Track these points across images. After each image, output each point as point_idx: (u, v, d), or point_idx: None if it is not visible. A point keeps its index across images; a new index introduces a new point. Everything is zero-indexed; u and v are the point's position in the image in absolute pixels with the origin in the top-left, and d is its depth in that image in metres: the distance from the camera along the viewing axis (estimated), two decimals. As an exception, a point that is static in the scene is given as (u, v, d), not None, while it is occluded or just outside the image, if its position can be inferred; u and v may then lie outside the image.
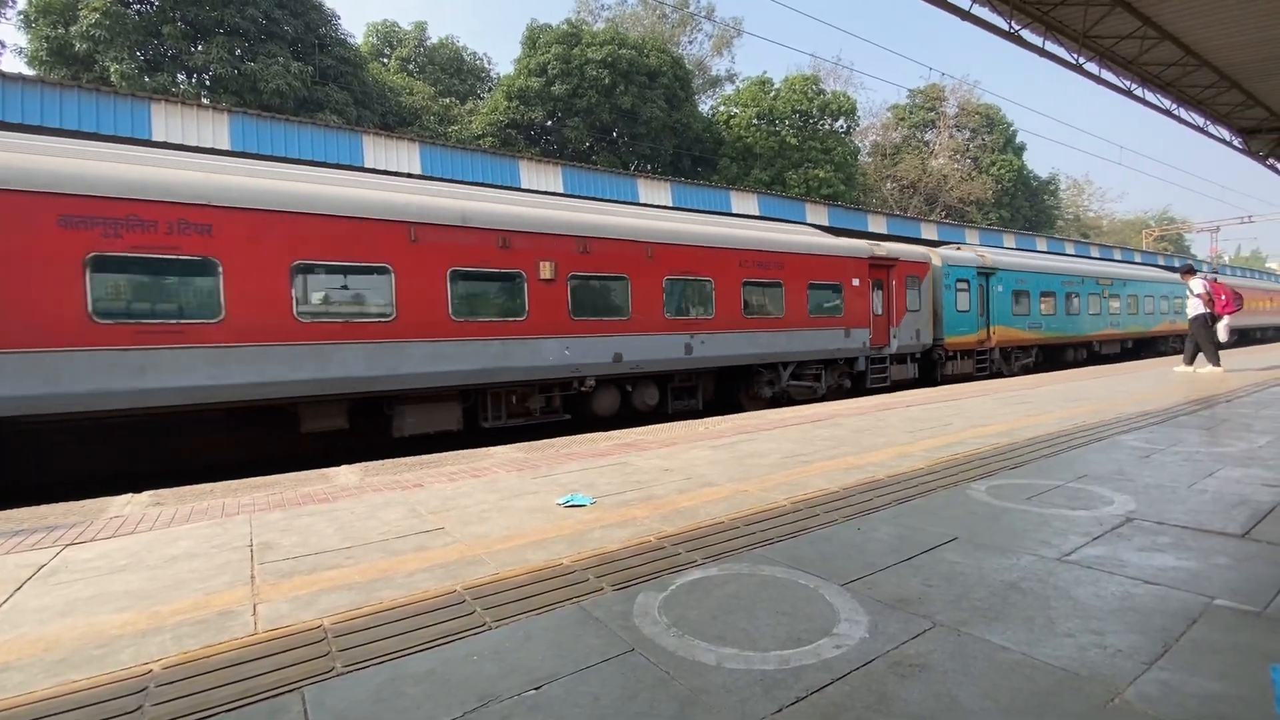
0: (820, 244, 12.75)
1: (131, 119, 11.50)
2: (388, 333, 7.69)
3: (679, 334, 10.34)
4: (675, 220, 11.35)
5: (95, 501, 4.46)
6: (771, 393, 12.07)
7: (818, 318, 12.42)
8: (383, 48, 38.88)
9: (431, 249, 8.01)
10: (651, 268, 10.03)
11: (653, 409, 10.53)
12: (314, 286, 7.39)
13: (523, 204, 9.49)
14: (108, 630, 2.29)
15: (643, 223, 10.34)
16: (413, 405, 8.15)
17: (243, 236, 6.84)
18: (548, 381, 9.22)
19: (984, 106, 48.77)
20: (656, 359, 10.07)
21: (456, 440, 8.37)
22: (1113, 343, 21.40)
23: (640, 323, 9.86)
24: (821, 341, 12.46)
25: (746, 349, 11.29)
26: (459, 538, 3.22)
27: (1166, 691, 1.69)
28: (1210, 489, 3.72)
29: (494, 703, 1.74)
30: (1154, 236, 58.22)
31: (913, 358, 14.89)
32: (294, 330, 7.09)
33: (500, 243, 8.54)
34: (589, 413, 9.78)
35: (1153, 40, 10.45)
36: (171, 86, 24.60)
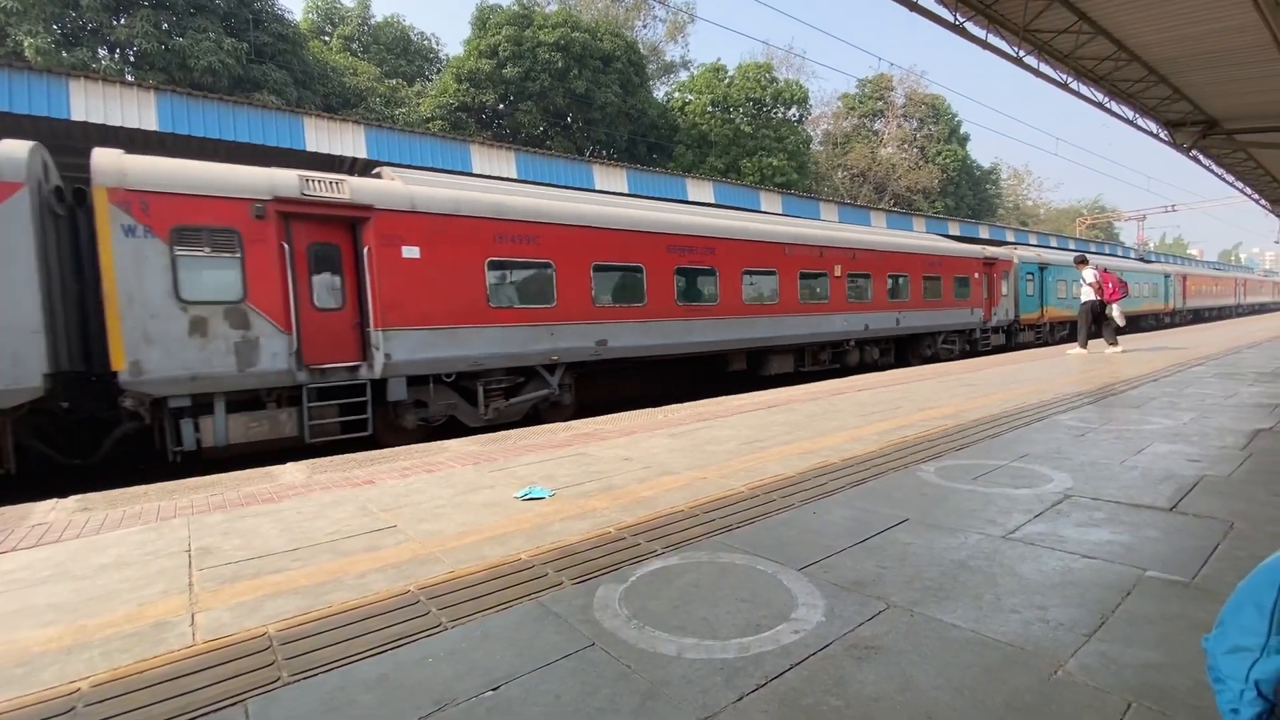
0: (958, 249, 18.20)
1: (48, 97, 10.67)
2: (744, 310, 12.14)
3: (892, 312, 15.57)
4: (888, 235, 17.41)
5: (15, 508, 4.16)
6: (930, 353, 17.08)
7: (959, 300, 17.67)
8: (324, 25, 37.15)
9: (798, 260, 13.22)
10: (882, 268, 15.24)
11: (874, 361, 15.53)
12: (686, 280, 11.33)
13: (820, 227, 15.40)
14: (30, 647, 2.14)
15: (879, 238, 16.04)
16: (776, 355, 13.06)
17: (564, 245, 9.58)
18: (832, 340, 14.16)
19: (930, 97, 50.08)
20: (883, 328, 15.32)
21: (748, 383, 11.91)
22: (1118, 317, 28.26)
23: (876, 304, 15.10)
24: (962, 317, 17.85)
25: (924, 322, 16.54)
26: (412, 536, 3.13)
27: (1105, 662, 1.77)
28: (1140, 465, 3.93)
29: (451, 706, 1.69)
30: (1086, 225, 61.13)
31: (1003, 329, 20.04)
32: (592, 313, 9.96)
33: (819, 254, 13.67)
34: (843, 364, 14.69)
35: (1088, 35, 10.88)
36: (92, 62, 22.96)
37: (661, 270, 10.72)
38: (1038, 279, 21.38)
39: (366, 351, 7.72)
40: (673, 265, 10.92)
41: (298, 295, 7.23)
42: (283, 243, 7.11)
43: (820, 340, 13.80)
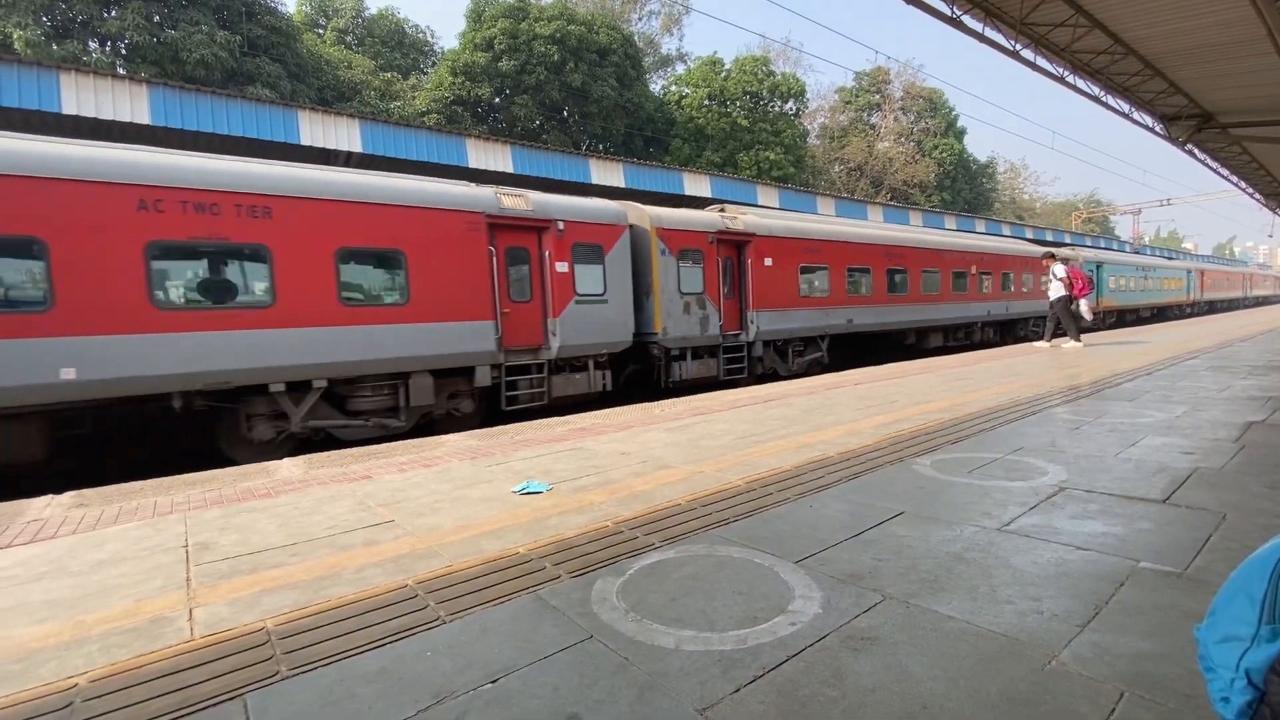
0: (1029, 250, 22.02)
1: (38, 91, 10.58)
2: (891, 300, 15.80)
3: (1003, 301, 19.91)
4: (998, 241, 21.93)
5: (10, 504, 4.15)
6: (1022, 334, 21.08)
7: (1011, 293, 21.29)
8: (317, 18, 36.87)
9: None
10: (999, 267, 19.65)
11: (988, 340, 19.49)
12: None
13: (961, 236, 20.92)
14: (27, 643, 2.14)
15: (995, 244, 20.82)
16: (934, 333, 17.09)
17: (835, 255, 14.11)
18: (969, 322, 18.59)
19: (927, 90, 49.98)
20: (999, 314, 19.86)
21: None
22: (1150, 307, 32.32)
23: (995, 295, 19.56)
24: (1031, 307, 21.52)
25: (1022, 310, 20.88)
26: (410, 530, 3.14)
27: (1099, 652, 1.78)
28: (1134, 458, 3.95)
29: (449, 699, 1.70)
30: (1082, 218, 61.26)
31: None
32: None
33: (962, 257, 18.00)
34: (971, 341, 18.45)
35: (1085, 29, 10.87)
36: (83, 55, 22.75)
37: (879, 270, 15.35)
38: (1096, 275, 25.53)
39: (744, 325, 12.32)
40: (885, 267, 15.51)
41: (720, 289, 11.81)
42: (718, 258, 11.76)
43: (963, 322, 18.47)
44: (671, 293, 10.96)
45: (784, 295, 12.86)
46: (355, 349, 7.63)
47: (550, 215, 9.46)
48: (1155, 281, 32.37)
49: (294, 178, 7.39)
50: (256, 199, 7.03)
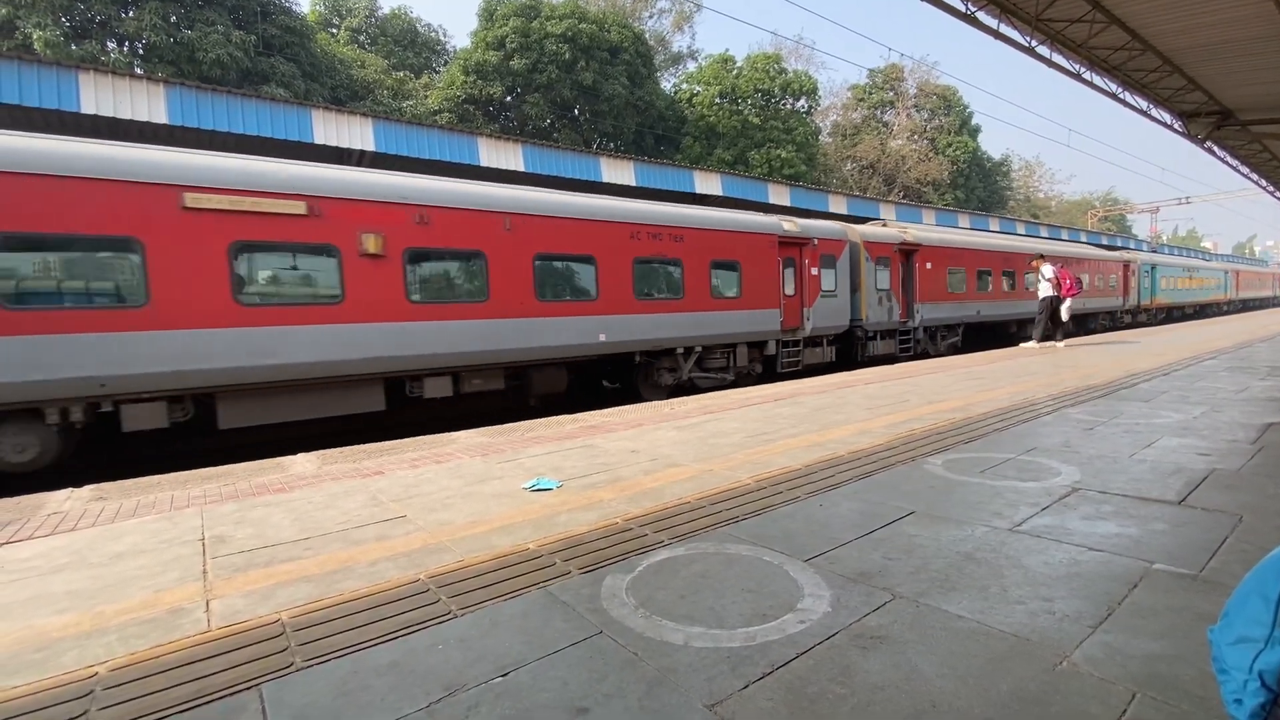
0: (1113, 255, 26.39)
1: (58, 90, 10.74)
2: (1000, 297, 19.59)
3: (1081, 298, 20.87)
4: (1090, 249, 27.15)
5: (31, 497, 4.23)
6: (1093, 325, 24.17)
7: (1113, 291, 25.84)
8: (331, 17, 37.11)
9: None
10: (1093, 271, 23.67)
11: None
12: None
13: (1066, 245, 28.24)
14: (48, 633, 2.18)
15: (1094, 251, 26.20)
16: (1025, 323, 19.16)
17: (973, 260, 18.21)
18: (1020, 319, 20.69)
19: (941, 88, 49.51)
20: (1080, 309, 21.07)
21: None
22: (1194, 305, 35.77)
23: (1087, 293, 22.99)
24: (1115, 303, 26.01)
25: (1098, 305, 24.74)
26: (422, 525, 3.17)
27: (1110, 653, 1.77)
28: (1149, 459, 3.91)
29: (461, 691, 1.72)
30: (1098, 217, 60.48)
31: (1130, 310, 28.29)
32: None
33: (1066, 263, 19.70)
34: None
35: (1101, 24, 10.72)
36: (101, 55, 23.06)
37: (997, 272, 19.31)
38: (1151, 275, 29.42)
39: (911, 314, 16.00)
40: (1001, 269, 19.50)
41: (893, 287, 15.41)
42: (899, 264, 15.60)
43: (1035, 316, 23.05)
44: (871, 290, 14.95)
45: (938, 291, 16.85)
46: (718, 326, 11.61)
47: (809, 234, 13.43)
48: (1197, 281, 35.77)
49: (698, 216, 11.65)
50: (676, 230, 11.02)
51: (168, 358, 6.47)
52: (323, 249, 7.40)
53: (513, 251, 8.86)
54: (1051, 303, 13.42)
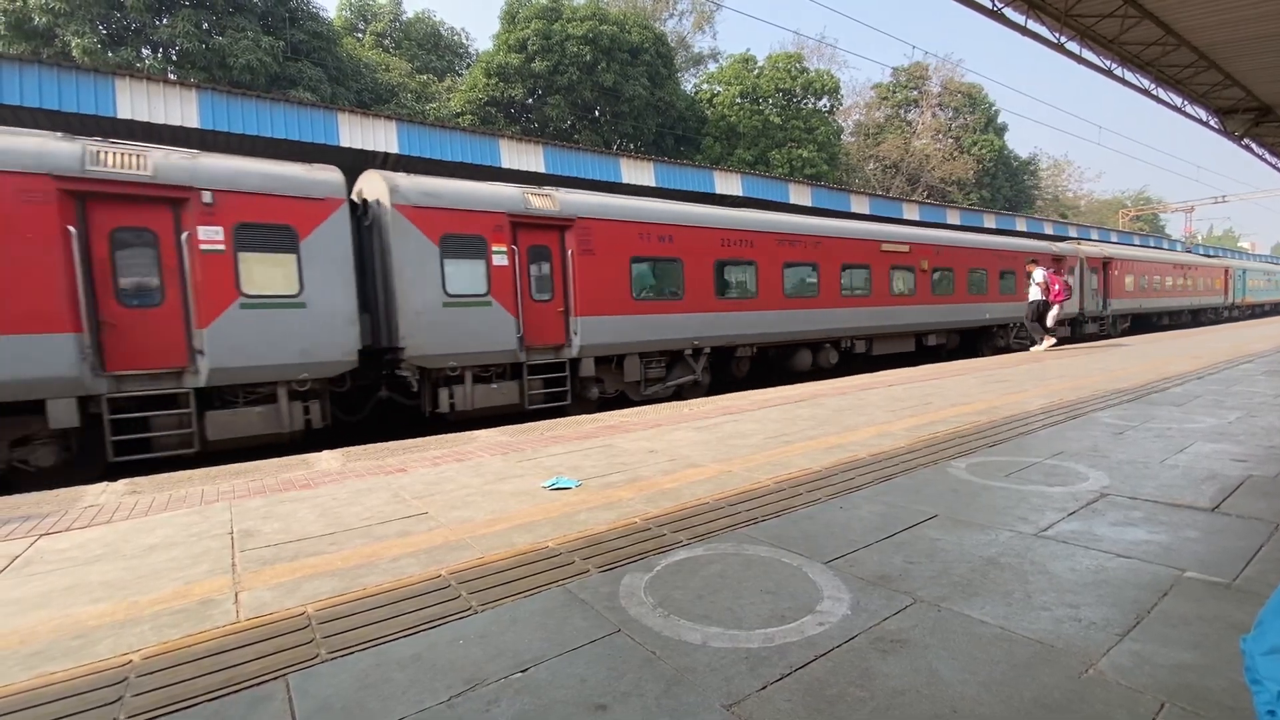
0: (1215, 262, 31.85)
1: (95, 96, 11.06)
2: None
3: (1189, 298, 28.46)
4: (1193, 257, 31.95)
5: (69, 490, 4.37)
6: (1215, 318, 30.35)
7: (1203, 290, 29.94)
8: (357, 22, 37.72)
9: None
10: (1193, 274, 28.74)
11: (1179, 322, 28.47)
12: None
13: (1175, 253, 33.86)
14: (85, 621, 2.26)
15: (1191, 258, 31.09)
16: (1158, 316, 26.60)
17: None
18: (1177, 310, 27.75)
19: (966, 86, 48.71)
20: (1188, 306, 28.69)
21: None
22: (1273, 303, 41.82)
23: (1189, 292, 28.60)
24: (1216, 300, 31.09)
25: (1206, 303, 30.02)
26: (443, 522, 3.21)
27: (1139, 662, 1.73)
28: (1181, 464, 3.81)
29: (481, 686, 1.74)
30: (1130, 216, 59.02)
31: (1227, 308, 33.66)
32: None
33: (1174, 266, 27.19)
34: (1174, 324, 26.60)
35: (1133, 19, 10.47)
36: (136, 62, 23.71)
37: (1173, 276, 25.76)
38: (1242, 278, 34.72)
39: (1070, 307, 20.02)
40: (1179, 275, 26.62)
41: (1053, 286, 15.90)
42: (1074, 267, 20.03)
43: (1174, 309, 27.20)
44: (1090, 290, 20.34)
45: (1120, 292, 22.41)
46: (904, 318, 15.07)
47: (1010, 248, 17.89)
48: (1274, 283, 42.17)
49: (903, 232, 15.19)
50: (903, 245, 14.80)
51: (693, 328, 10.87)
52: (672, 261, 10.71)
53: (769, 261, 12.00)
54: (1039, 307, 13.53)
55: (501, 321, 8.66)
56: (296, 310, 7.23)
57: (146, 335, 6.53)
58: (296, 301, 7.24)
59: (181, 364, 6.66)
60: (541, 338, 9.09)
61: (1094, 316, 21.49)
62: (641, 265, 10.18)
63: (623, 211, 10.05)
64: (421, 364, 8.01)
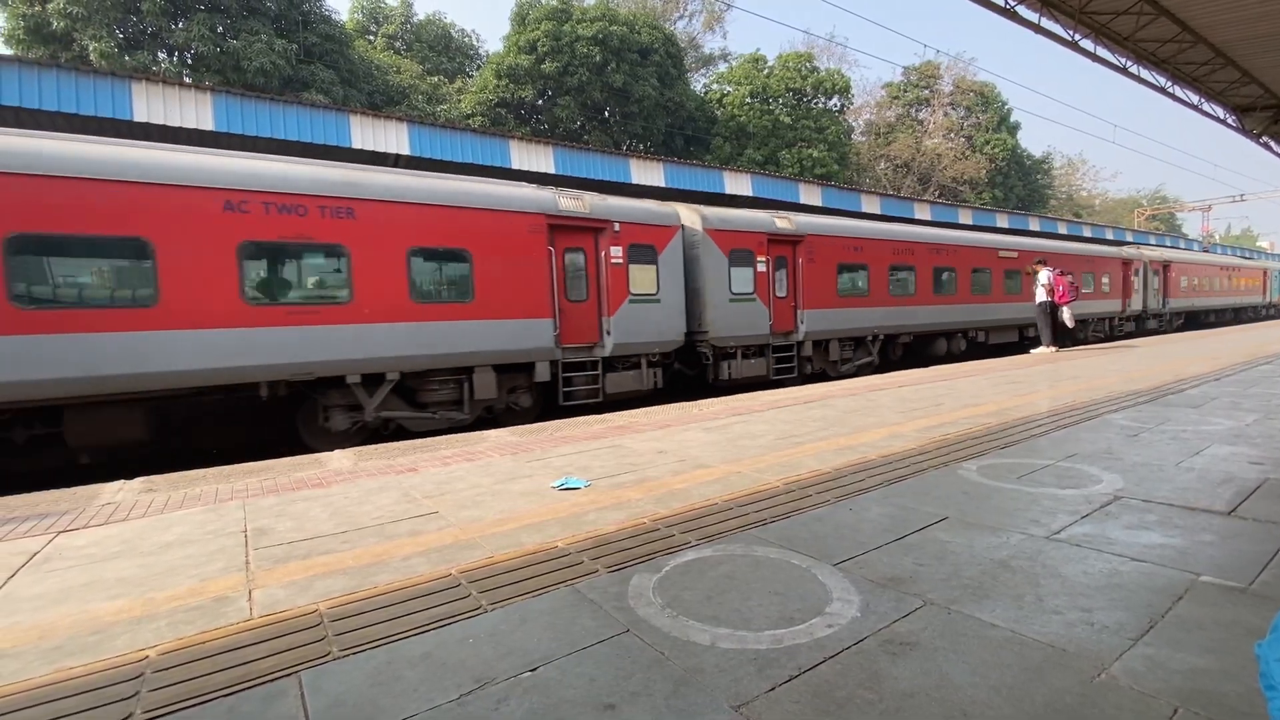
0: (1254, 264, 33.29)
1: (112, 99, 11.22)
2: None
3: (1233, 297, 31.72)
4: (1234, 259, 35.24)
5: (87, 488, 4.44)
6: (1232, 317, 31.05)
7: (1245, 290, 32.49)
8: (368, 24, 38.01)
9: None
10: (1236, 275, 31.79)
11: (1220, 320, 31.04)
12: None
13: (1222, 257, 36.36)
14: (102, 617, 2.29)
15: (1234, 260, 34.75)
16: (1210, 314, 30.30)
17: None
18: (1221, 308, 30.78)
19: (979, 84, 48.31)
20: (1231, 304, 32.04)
21: None
22: None
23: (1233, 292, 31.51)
24: (1256, 300, 33.02)
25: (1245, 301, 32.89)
26: (453, 522, 3.23)
27: (1152, 666, 1.72)
28: (1197, 467, 3.77)
29: (490, 684, 1.76)
30: (1146, 216, 58.31)
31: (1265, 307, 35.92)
32: None
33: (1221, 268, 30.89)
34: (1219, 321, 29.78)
35: (1148, 16, 10.35)
36: (152, 65, 24.03)
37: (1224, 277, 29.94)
38: (1278, 278, 37.86)
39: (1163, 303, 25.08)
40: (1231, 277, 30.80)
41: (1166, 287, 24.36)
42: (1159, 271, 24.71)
43: (1220, 308, 29.85)
44: (1152, 290, 23.68)
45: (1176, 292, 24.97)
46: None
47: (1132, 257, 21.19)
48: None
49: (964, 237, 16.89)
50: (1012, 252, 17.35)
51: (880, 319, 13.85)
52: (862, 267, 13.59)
53: (924, 265, 14.86)
54: (1048, 308, 13.44)
55: (761, 313, 11.75)
56: (655, 304, 10.26)
57: (579, 321, 9.51)
58: (656, 298, 10.27)
59: (596, 340, 9.72)
60: (782, 326, 12.09)
61: (1155, 314, 24.41)
62: (843, 270, 13.11)
63: (832, 229, 13.12)
64: (715, 343, 11.11)
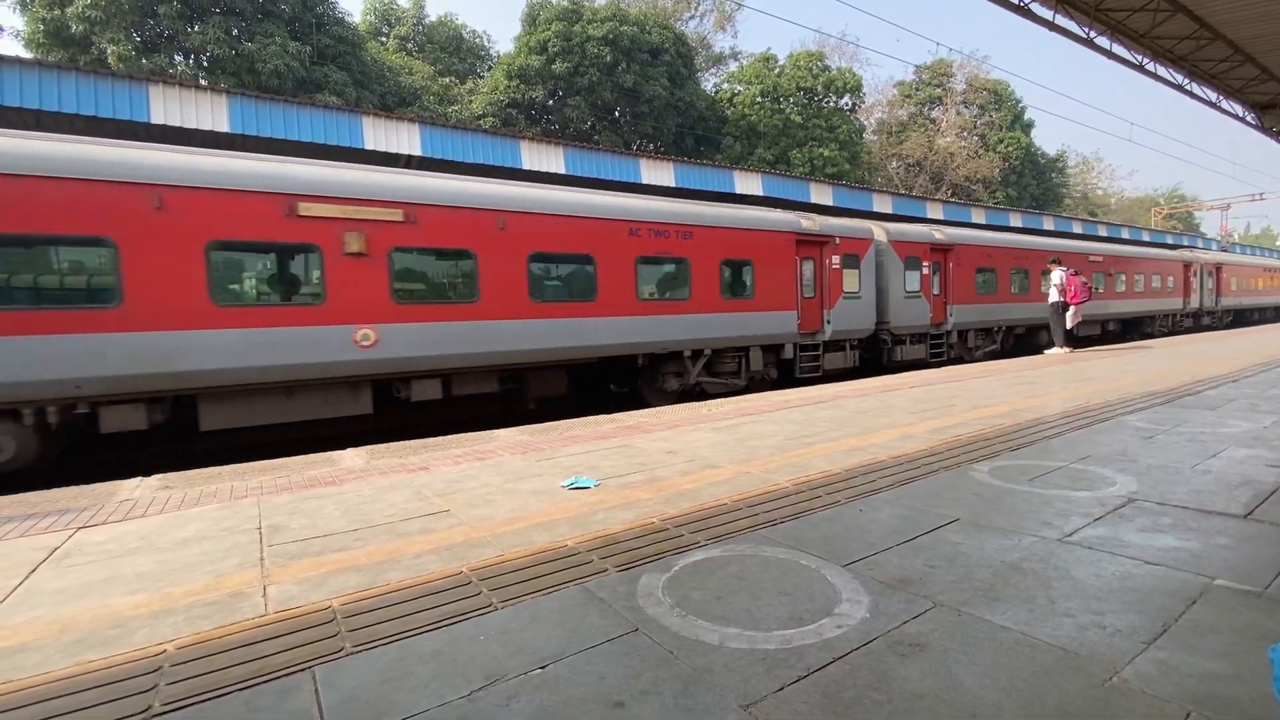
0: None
1: (130, 102, 11.38)
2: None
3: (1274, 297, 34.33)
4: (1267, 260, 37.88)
5: (105, 485, 4.51)
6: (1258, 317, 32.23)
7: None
8: (381, 26, 38.29)
9: None
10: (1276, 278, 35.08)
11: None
12: None
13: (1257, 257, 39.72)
14: (122, 611, 2.34)
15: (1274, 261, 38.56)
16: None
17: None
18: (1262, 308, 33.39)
19: (992, 82, 47.90)
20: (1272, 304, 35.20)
21: None
22: None
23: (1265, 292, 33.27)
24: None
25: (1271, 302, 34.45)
26: (464, 520, 3.25)
27: (1164, 670, 1.71)
28: (1214, 470, 3.72)
29: (501, 681, 1.77)
30: (1163, 215, 57.54)
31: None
32: None
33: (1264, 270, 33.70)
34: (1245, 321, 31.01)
35: (1165, 13, 10.22)
36: (169, 68, 24.34)
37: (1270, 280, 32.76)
38: None
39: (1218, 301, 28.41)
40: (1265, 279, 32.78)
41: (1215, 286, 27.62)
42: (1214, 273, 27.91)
43: (1264, 306, 32.12)
44: (1206, 290, 26.00)
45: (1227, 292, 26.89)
46: None
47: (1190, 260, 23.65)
48: None
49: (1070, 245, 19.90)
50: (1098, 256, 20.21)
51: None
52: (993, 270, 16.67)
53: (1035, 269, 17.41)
54: (1062, 308, 13.40)
55: (924, 308, 14.54)
56: (857, 301, 13.02)
57: (809, 313, 12.19)
58: (858, 295, 13.05)
59: (819, 328, 12.42)
60: (936, 318, 14.83)
61: (1208, 311, 26.59)
62: (979, 273, 15.94)
63: (972, 239, 16.23)
64: (894, 332, 13.98)
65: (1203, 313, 26.48)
